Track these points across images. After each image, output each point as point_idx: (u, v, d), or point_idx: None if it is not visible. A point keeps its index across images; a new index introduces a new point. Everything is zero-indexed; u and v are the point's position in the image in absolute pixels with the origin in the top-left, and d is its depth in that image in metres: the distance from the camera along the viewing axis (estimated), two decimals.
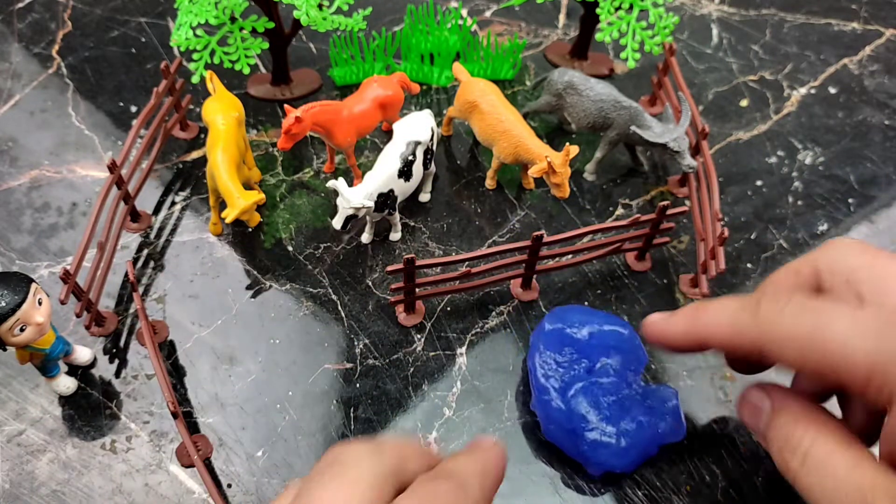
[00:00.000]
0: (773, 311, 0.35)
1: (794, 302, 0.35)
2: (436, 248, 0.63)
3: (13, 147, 0.69)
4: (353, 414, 0.53)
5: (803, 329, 0.34)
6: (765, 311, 0.35)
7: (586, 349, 0.51)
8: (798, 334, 0.34)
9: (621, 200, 0.67)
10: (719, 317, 0.38)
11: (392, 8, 0.85)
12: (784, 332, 0.34)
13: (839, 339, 0.32)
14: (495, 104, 0.63)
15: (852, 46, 0.85)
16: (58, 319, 0.55)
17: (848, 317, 0.33)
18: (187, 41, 0.63)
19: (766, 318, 0.35)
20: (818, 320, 0.33)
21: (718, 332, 0.38)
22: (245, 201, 0.56)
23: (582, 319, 0.52)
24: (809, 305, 0.34)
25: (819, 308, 0.34)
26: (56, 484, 0.49)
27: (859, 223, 0.67)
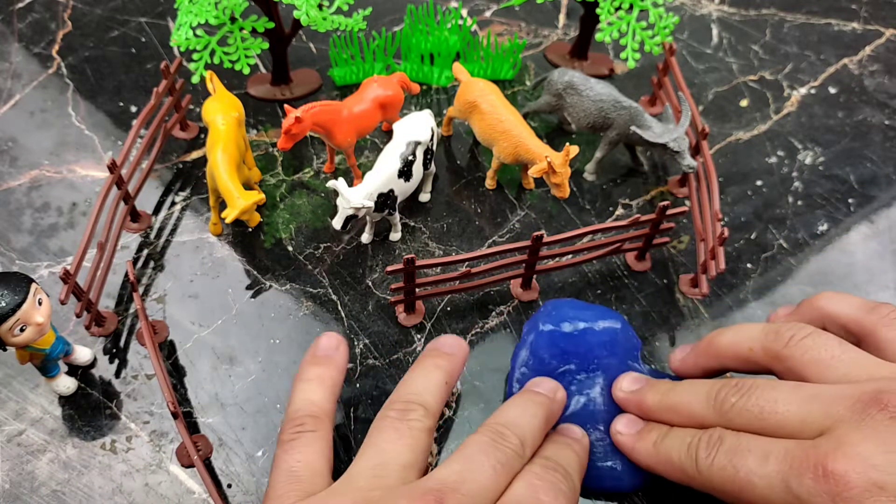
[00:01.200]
0: (706, 464, 0.39)
1: (721, 454, 0.39)
2: (436, 248, 0.63)
3: (13, 147, 0.69)
4: (354, 414, 0.53)
5: (730, 485, 0.38)
6: (701, 463, 0.40)
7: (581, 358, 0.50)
8: (727, 489, 0.38)
9: (621, 200, 0.67)
10: (672, 462, 0.42)
11: (392, 8, 0.85)
12: (718, 486, 0.39)
13: (757, 494, 0.37)
14: (495, 104, 0.63)
15: (852, 46, 0.85)
16: (58, 319, 0.55)
17: (760, 469, 0.37)
18: (187, 41, 0.63)
19: (702, 471, 0.40)
20: (739, 476, 0.37)
21: (674, 476, 0.42)
22: (245, 201, 0.56)
23: (576, 315, 0.51)
24: (733, 455, 0.38)
25: (740, 460, 0.38)
26: (56, 484, 0.49)
27: (859, 223, 0.67)
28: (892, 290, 0.62)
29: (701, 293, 0.60)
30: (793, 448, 0.36)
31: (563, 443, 0.44)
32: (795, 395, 0.38)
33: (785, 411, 0.38)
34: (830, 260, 0.64)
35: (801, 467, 0.35)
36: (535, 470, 0.40)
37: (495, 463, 0.39)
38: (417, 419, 0.40)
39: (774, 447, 0.37)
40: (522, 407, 0.44)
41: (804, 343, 0.41)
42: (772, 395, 0.39)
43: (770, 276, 0.62)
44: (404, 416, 0.40)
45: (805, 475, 0.34)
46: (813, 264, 0.63)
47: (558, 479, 0.39)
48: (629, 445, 0.45)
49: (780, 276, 0.62)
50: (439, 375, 0.44)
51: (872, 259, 0.64)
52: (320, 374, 0.44)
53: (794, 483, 0.35)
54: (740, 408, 0.40)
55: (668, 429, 0.44)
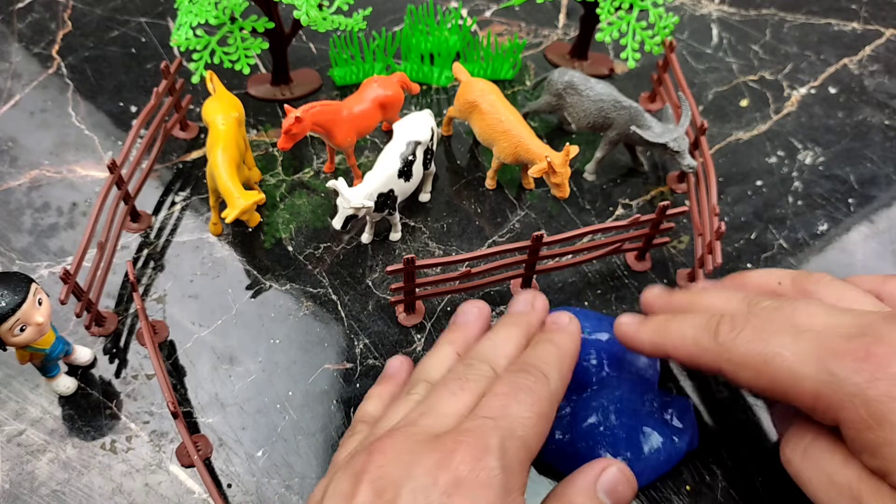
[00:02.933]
0: (729, 337, 0.38)
1: (749, 328, 0.38)
2: (436, 248, 0.63)
3: (13, 147, 0.69)
4: (353, 414, 0.53)
5: (755, 356, 0.37)
6: (723, 336, 0.39)
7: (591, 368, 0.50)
8: (750, 361, 0.37)
9: (621, 200, 0.67)
10: (685, 334, 0.41)
11: (392, 8, 0.85)
12: (738, 358, 0.38)
13: (786, 367, 0.36)
14: (495, 104, 0.63)
15: (852, 46, 0.85)
16: (58, 319, 0.55)
17: (792, 345, 0.36)
18: (187, 41, 0.63)
19: (723, 342, 0.38)
20: (767, 348, 0.37)
21: (682, 350, 0.41)
22: (245, 201, 0.56)
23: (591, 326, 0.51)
24: (762, 330, 0.38)
25: (770, 335, 0.37)
26: (56, 484, 0.49)
27: (859, 223, 0.67)
28: None
29: None
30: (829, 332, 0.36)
31: (543, 340, 0.43)
32: (828, 309, 0.38)
33: (818, 314, 0.38)
34: (830, 260, 0.64)
35: (838, 348, 0.35)
36: (504, 378, 0.39)
37: (455, 389, 0.39)
38: (417, 392, 0.42)
39: (810, 329, 0.37)
40: (495, 332, 0.44)
41: (832, 285, 0.42)
42: (806, 303, 0.39)
43: None
44: (407, 393, 0.42)
45: (844, 355, 0.35)
46: (813, 264, 0.63)
47: (521, 378, 0.39)
48: (632, 330, 0.44)
49: None
50: (449, 350, 0.45)
51: (872, 259, 0.64)
52: (379, 392, 0.47)
53: (831, 361, 0.35)
54: (774, 308, 0.39)
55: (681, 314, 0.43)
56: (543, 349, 0.42)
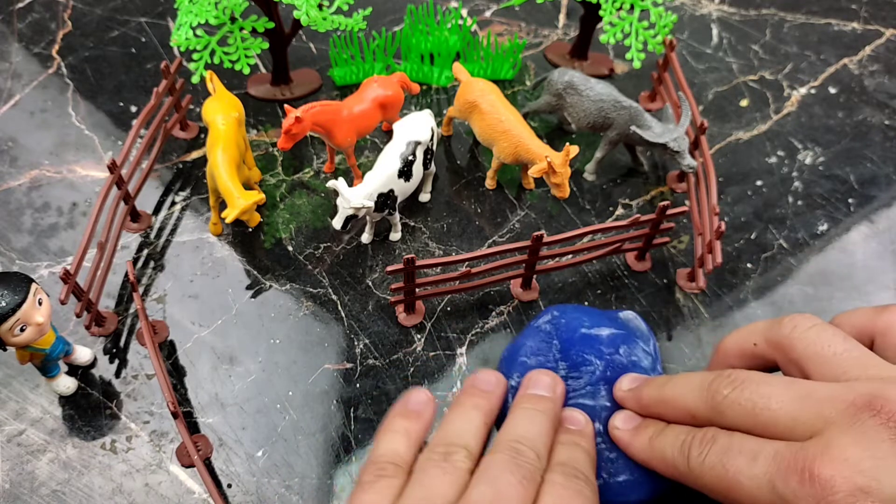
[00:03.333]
0: (697, 462, 0.39)
1: (712, 453, 0.39)
2: (436, 248, 0.63)
3: (13, 147, 0.69)
4: (353, 414, 0.53)
5: (720, 484, 0.38)
6: (693, 462, 0.40)
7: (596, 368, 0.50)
8: (717, 487, 0.39)
9: (621, 200, 0.67)
10: (665, 457, 0.42)
11: (392, 8, 0.85)
12: (708, 484, 0.39)
13: (745, 494, 0.37)
14: (495, 104, 0.63)
15: (852, 46, 0.85)
16: (58, 319, 0.55)
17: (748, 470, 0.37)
18: (187, 41, 0.63)
19: (693, 468, 0.40)
20: (727, 476, 0.38)
21: (668, 472, 0.43)
22: (245, 201, 0.56)
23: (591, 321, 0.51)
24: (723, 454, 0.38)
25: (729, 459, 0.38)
26: (56, 484, 0.49)
27: (859, 223, 0.67)
28: (892, 290, 0.62)
29: (698, 287, 0.60)
30: (782, 450, 0.36)
31: (572, 442, 0.45)
32: (788, 393, 0.38)
33: (777, 409, 0.38)
34: (830, 260, 0.64)
35: (787, 469, 0.35)
36: (558, 480, 0.41)
37: (521, 478, 0.40)
38: (461, 460, 0.42)
39: (764, 448, 0.37)
40: (528, 418, 0.45)
41: (808, 335, 0.41)
42: (765, 390, 0.39)
43: (770, 276, 0.62)
44: (448, 457, 0.42)
45: (791, 478, 0.34)
46: (813, 264, 0.63)
47: (581, 487, 0.40)
48: (626, 441, 0.45)
49: (780, 276, 0.62)
50: (478, 416, 0.45)
51: (872, 259, 0.64)
52: (408, 428, 0.45)
53: (781, 485, 0.35)
54: (732, 401, 0.40)
55: (664, 426, 0.44)
56: (581, 455, 0.43)
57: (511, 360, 0.51)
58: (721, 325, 0.59)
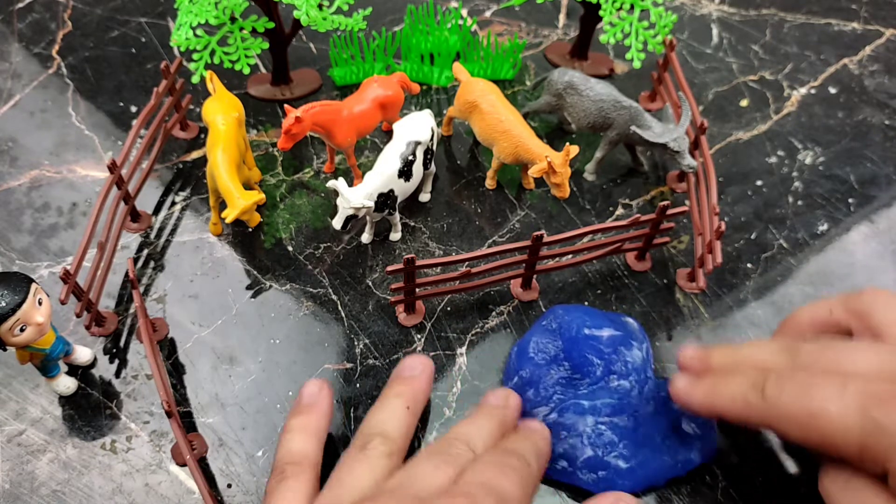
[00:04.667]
0: (775, 394, 0.39)
1: (793, 384, 0.38)
2: (436, 248, 0.63)
3: (13, 147, 0.69)
4: (353, 414, 0.53)
5: (801, 412, 0.37)
6: (769, 393, 0.39)
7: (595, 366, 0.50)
8: (797, 417, 0.38)
9: (621, 200, 0.67)
10: (734, 395, 0.41)
11: (392, 8, 0.85)
12: (785, 415, 0.38)
13: (831, 421, 0.36)
14: (495, 104, 0.63)
15: (852, 46, 0.85)
16: (58, 319, 0.55)
17: (837, 398, 0.36)
18: (187, 41, 0.63)
19: (770, 400, 0.39)
20: (812, 403, 0.37)
21: (733, 410, 0.42)
22: (245, 201, 0.56)
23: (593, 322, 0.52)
24: (806, 386, 0.38)
25: (814, 388, 0.37)
26: (56, 484, 0.49)
27: (859, 223, 0.67)
28: (892, 290, 0.62)
29: (698, 287, 0.60)
30: (874, 383, 0.36)
31: (521, 437, 0.45)
32: (874, 350, 0.38)
33: (864, 360, 0.38)
34: (830, 260, 0.64)
35: (884, 397, 0.35)
36: (483, 458, 0.41)
37: (438, 463, 0.40)
38: (374, 447, 0.42)
39: (854, 380, 0.36)
40: (471, 421, 0.45)
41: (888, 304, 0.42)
42: (849, 349, 0.39)
43: (770, 276, 0.62)
44: (363, 447, 0.42)
45: (889, 402, 0.34)
46: (813, 264, 0.63)
47: (505, 458, 0.40)
48: (686, 392, 0.44)
49: (780, 276, 0.62)
50: (398, 403, 0.46)
51: (872, 259, 0.64)
52: (302, 423, 0.45)
53: (876, 411, 0.35)
54: (817, 355, 0.40)
55: (729, 373, 0.43)
56: (521, 442, 0.44)
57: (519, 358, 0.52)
58: (721, 325, 0.59)
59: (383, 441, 0.42)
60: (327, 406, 0.46)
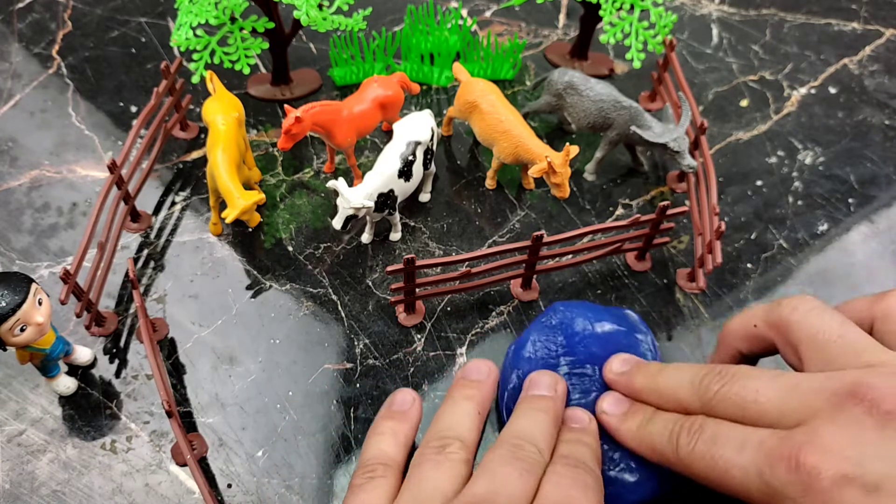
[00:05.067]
0: (687, 451, 0.40)
1: (701, 442, 0.39)
2: (436, 248, 0.63)
3: (13, 147, 0.69)
4: (353, 414, 0.53)
5: (709, 473, 0.39)
6: (682, 451, 0.40)
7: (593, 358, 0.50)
8: (707, 477, 0.39)
9: (621, 200, 0.67)
10: (654, 444, 0.43)
11: (392, 8, 0.85)
12: (698, 473, 0.39)
13: (736, 483, 0.37)
14: (495, 104, 0.63)
15: (852, 46, 0.85)
16: (58, 319, 0.55)
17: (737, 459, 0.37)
18: (187, 41, 0.63)
19: (683, 458, 0.40)
20: (717, 465, 0.38)
21: (657, 459, 0.43)
22: (245, 201, 0.56)
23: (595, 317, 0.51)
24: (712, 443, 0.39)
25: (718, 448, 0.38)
26: (56, 484, 0.49)
27: (859, 223, 0.67)
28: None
29: (698, 287, 0.60)
30: (768, 438, 0.36)
31: (575, 439, 0.45)
32: (775, 385, 0.38)
33: (765, 402, 0.38)
34: (830, 260, 0.64)
35: (774, 458, 0.35)
36: (559, 470, 0.41)
37: (521, 471, 0.40)
38: (454, 451, 0.42)
39: (751, 437, 0.37)
40: (530, 416, 0.45)
41: (806, 318, 0.41)
42: (753, 384, 0.39)
43: (770, 276, 0.62)
44: (442, 450, 0.42)
45: (778, 466, 0.35)
46: (813, 264, 0.63)
47: (582, 475, 0.41)
48: (614, 426, 0.45)
49: (780, 276, 0.62)
50: (470, 407, 0.45)
51: (872, 259, 0.64)
52: (394, 428, 0.45)
53: (768, 473, 0.35)
54: (722, 396, 0.40)
55: (652, 412, 0.44)
56: (583, 449, 0.44)
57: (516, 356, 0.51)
58: (721, 326, 0.58)
59: (462, 446, 0.42)
60: (418, 417, 0.47)
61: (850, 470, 0.32)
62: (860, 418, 0.34)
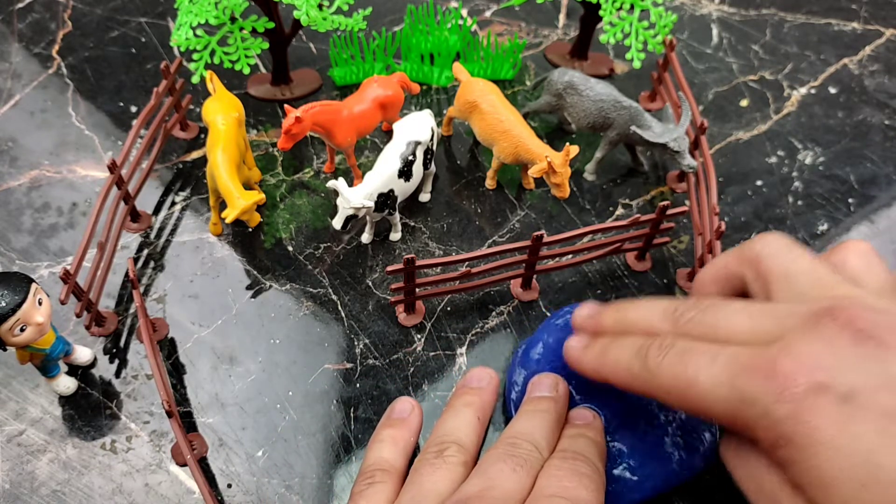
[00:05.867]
0: (655, 363, 0.39)
1: (672, 352, 0.38)
2: (436, 248, 0.63)
3: (13, 147, 0.69)
4: (353, 414, 0.53)
5: (677, 382, 0.38)
6: (650, 362, 0.39)
7: None
8: (673, 387, 0.38)
9: (621, 200, 0.67)
10: (619, 361, 0.41)
11: (392, 8, 0.85)
12: (664, 385, 0.38)
13: (703, 391, 0.36)
14: (495, 104, 0.63)
15: (852, 46, 0.85)
16: (58, 319, 0.55)
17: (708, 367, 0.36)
18: (187, 41, 0.63)
19: (650, 368, 0.39)
20: (687, 373, 0.37)
21: (618, 377, 0.42)
22: (245, 201, 0.56)
23: None
24: (683, 354, 0.38)
25: (689, 357, 0.37)
26: (56, 484, 0.49)
27: (859, 223, 0.67)
28: None
29: None
30: (742, 351, 0.36)
31: (576, 433, 0.45)
32: (749, 310, 0.38)
33: (738, 323, 0.38)
34: None
35: (748, 367, 0.35)
36: (555, 462, 0.41)
37: (514, 466, 0.40)
38: (452, 454, 0.42)
39: (725, 349, 0.37)
40: (529, 416, 0.45)
41: (777, 251, 0.41)
42: (728, 309, 0.39)
43: None
44: (440, 454, 0.42)
45: (752, 374, 0.34)
46: None
47: (578, 465, 0.41)
48: (576, 356, 0.45)
49: None
50: (470, 413, 0.46)
51: None
52: (393, 435, 0.46)
53: (740, 381, 0.35)
54: (697, 321, 0.40)
55: (618, 336, 0.43)
56: (585, 442, 0.44)
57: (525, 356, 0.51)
58: None
59: (459, 449, 0.43)
60: (418, 424, 0.47)
61: (825, 379, 0.32)
62: (836, 334, 0.34)
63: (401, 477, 0.44)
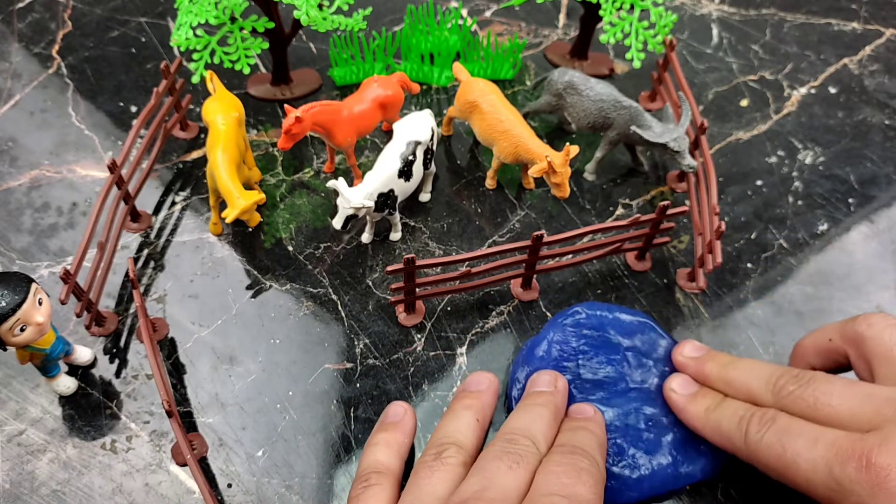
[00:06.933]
0: (755, 439, 0.41)
1: (771, 432, 0.40)
2: (436, 248, 0.63)
3: (13, 147, 0.69)
4: (353, 414, 0.53)
5: (776, 462, 0.40)
6: (750, 438, 0.41)
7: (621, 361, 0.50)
8: (774, 465, 0.40)
9: (621, 200, 0.67)
10: (721, 430, 0.44)
11: (392, 8, 0.85)
12: (764, 461, 0.41)
13: (801, 475, 0.39)
14: (495, 104, 0.63)
15: (852, 46, 0.85)
16: (58, 319, 0.55)
17: (807, 453, 0.38)
18: (187, 41, 0.63)
19: (750, 444, 0.41)
20: (786, 455, 0.39)
21: (720, 443, 0.44)
22: (245, 201, 0.56)
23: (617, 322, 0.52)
24: (783, 434, 0.40)
25: (789, 440, 0.40)
26: (56, 484, 0.49)
27: (859, 223, 0.67)
28: (892, 290, 0.62)
29: (698, 287, 0.60)
30: (841, 438, 0.38)
31: (576, 426, 0.45)
32: (850, 391, 0.40)
33: (838, 405, 0.39)
34: (830, 260, 0.64)
35: (846, 456, 0.36)
36: (553, 458, 0.41)
37: (510, 463, 0.40)
38: (450, 455, 0.43)
39: (824, 434, 0.38)
40: (526, 411, 0.46)
41: (881, 333, 0.43)
42: (828, 388, 0.41)
43: (770, 275, 0.62)
44: (438, 456, 0.43)
45: (849, 463, 0.36)
46: (813, 264, 0.63)
47: (576, 460, 0.41)
48: (681, 405, 0.47)
49: (780, 276, 0.62)
50: (469, 415, 0.46)
51: (872, 259, 0.64)
52: (387, 438, 0.47)
53: (838, 469, 0.37)
54: (797, 396, 0.41)
55: (721, 398, 0.45)
56: (584, 435, 0.44)
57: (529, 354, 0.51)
58: (721, 325, 0.59)
59: (458, 450, 0.43)
60: (411, 427, 0.48)
61: None
62: None
63: (397, 478, 0.44)
